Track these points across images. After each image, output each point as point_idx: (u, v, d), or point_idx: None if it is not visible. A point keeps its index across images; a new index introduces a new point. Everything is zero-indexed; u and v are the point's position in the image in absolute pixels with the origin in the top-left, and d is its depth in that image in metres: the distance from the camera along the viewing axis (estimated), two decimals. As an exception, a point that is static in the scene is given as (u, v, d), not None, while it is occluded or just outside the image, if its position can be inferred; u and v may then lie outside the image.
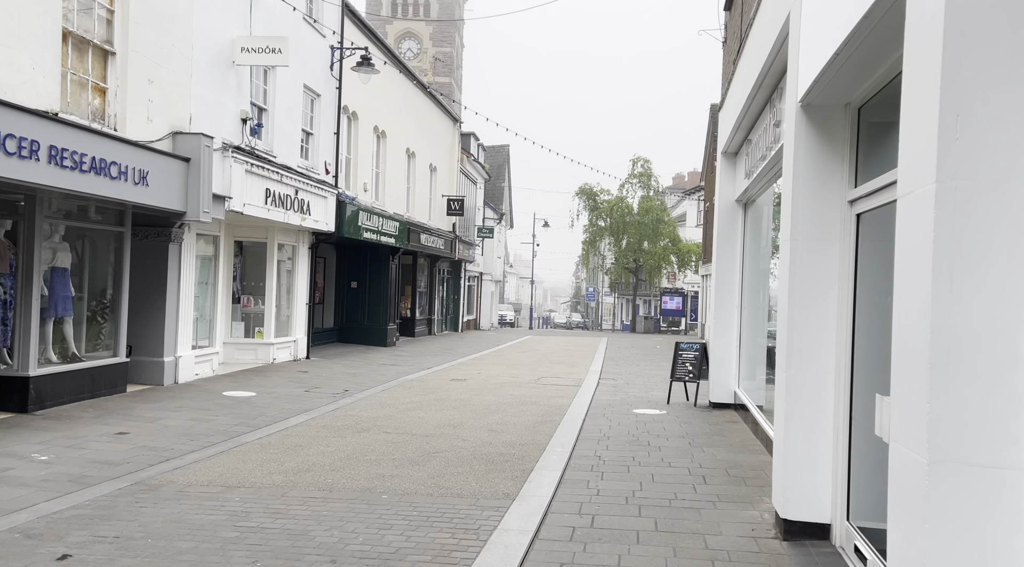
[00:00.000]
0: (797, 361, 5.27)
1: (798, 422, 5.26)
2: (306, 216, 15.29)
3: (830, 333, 5.24)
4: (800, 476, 5.23)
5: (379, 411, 10.62)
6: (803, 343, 5.27)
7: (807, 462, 5.22)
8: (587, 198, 45.66)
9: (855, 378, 5.07)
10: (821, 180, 5.27)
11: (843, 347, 5.16)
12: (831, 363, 5.23)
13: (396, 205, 22.48)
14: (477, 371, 16.62)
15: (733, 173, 11.67)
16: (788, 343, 5.31)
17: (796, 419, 5.27)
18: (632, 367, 18.95)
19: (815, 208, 5.28)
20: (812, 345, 5.25)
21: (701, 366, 12.08)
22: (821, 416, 5.22)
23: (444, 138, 28.45)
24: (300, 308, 16.75)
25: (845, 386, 5.13)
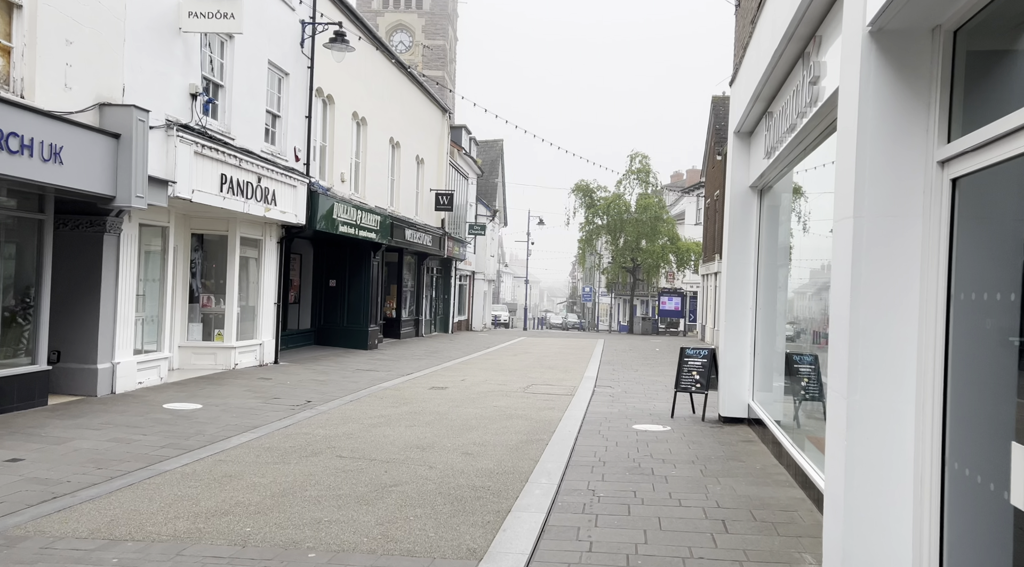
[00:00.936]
0: (864, 382, 3.84)
1: (864, 467, 3.83)
2: (271, 206, 13.83)
3: (910, 344, 3.82)
4: (869, 542, 3.79)
5: (339, 428, 9.17)
6: (872, 358, 3.84)
7: (879, 522, 3.79)
8: (583, 195, 44.24)
9: (950, 407, 3.64)
10: (898, 134, 3.84)
11: (930, 363, 3.73)
12: (911, 385, 3.81)
13: (378, 198, 21.03)
14: (461, 378, 15.17)
15: (747, 155, 10.25)
16: (851, 358, 3.87)
17: (862, 462, 3.83)
18: (630, 373, 17.53)
19: (889, 172, 3.84)
20: (885, 361, 3.82)
21: (710, 375, 10.66)
22: (898, 459, 3.79)
23: (432, 129, 27.01)
24: (267, 308, 15.29)
25: (933, 418, 3.70)
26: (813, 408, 7.64)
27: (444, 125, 27.97)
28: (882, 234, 3.85)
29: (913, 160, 3.82)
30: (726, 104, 33.33)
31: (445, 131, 27.98)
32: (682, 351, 11.05)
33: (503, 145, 43.88)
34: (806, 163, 7.32)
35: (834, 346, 4.18)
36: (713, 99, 32.64)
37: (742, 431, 9.73)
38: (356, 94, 19.12)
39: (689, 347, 11.11)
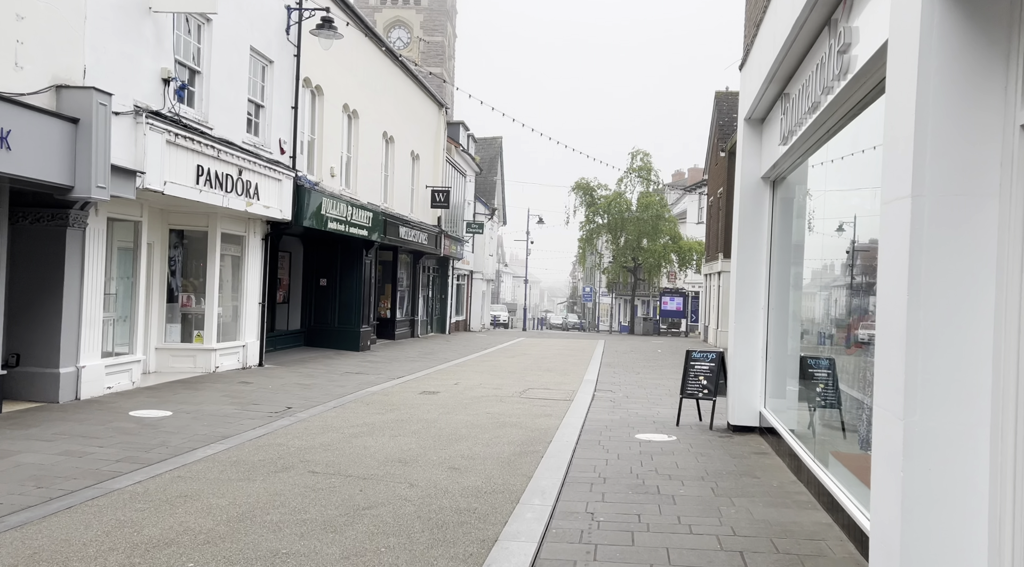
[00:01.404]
0: (926, 401, 3.11)
1: (927, 505, 3.10)
2: (253, 201, 13.10)
3: (983, 351, 3.09)
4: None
5: (317, 438, 8.45)
6: (936, 370, 3.11)
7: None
8: (584, 193, 43.52)
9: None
10: (968, 93, 3.11)
11: (1011, 376, 3.00)
12: (985, 404, 3.08)
13: (371, 194, 20.31)
14: (455, 381, 14.45)
15: (759, 144, 9.52)
16: (908, 371, 3.15)
17: (924, 500, 3.11)
18: (632, 375, 16.80)
19: (958, 141, 3.12)
20: (954, 374, 3.10)
21: (718, 380, 9.93)
22: (972, 497, 3.05)
23: (428, 124, 26.28)
24: (251, 308, 14.56)
25: (1017, 445, 2.97)
26: (831, 416, 6.92)
27: (441, 120, 27.25)
28: (948, 217, 3.13)
29: (988, 125, 3.09)
30: (730, 100, 32.63)
31: (442, 126, 27.27)
32: (688, 355, 10.32)
33: (502, 143, 43.17)
34: (830, 146, 6.59)
35: (884, 356, 3.44)
36: (716, 95, 31.91)
37: (754, 441, 9.00)
38: (347, 86, 18.40)
39: (696, 350, 10.38)
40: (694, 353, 10.29)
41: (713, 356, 10.08)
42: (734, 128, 29.95)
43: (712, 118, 32.49)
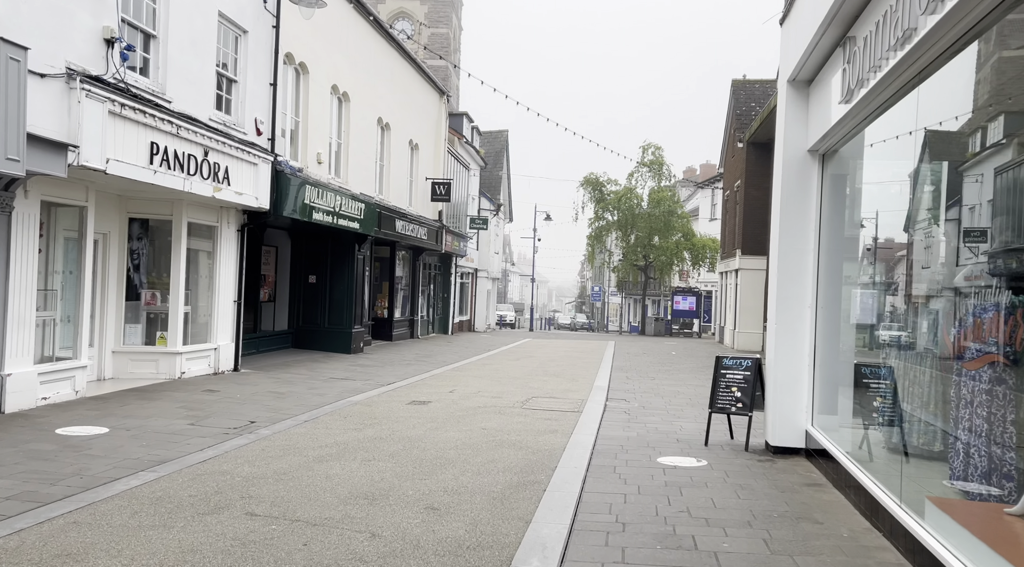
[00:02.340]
0: None
1: None
2: (222, 186, 11.65)
3: None
4: None
5: (272, 464, 6.97)
6: None
7: None
8: (592, 189, 41.93)
9: None
10: None
11: None
12: None
13: (363, 184, 18.85)
14: (450, 388, 12.96)
15: (805, 110, 7.98)
16: None
17: None
18: (646, 381, 15.27)
19: None
20: None
21: (754, 392, 8.39)
22: None
23: (428, 112, 24.81)
24: (224, 307, 13.12)
25: None
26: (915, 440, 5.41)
27: (442, 109, 25.77)
28: None
29: None
30: (747, 88, 31.03)
31: (443, 115, 25.79)
32: (719, 362, 8.78)
33: (508, 137, 41.65)
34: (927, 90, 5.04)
35: None
36: (733, 83, 30.30)
37: (802, 467, 7.46)
38: (336, 65, 16.94)
39: (727, 357, 8.83)
40: (725, 360, 8.75)
41: (748, 363, 8.54)
42: (752, 117, 28.35)
43: (728, 108, 30.88)
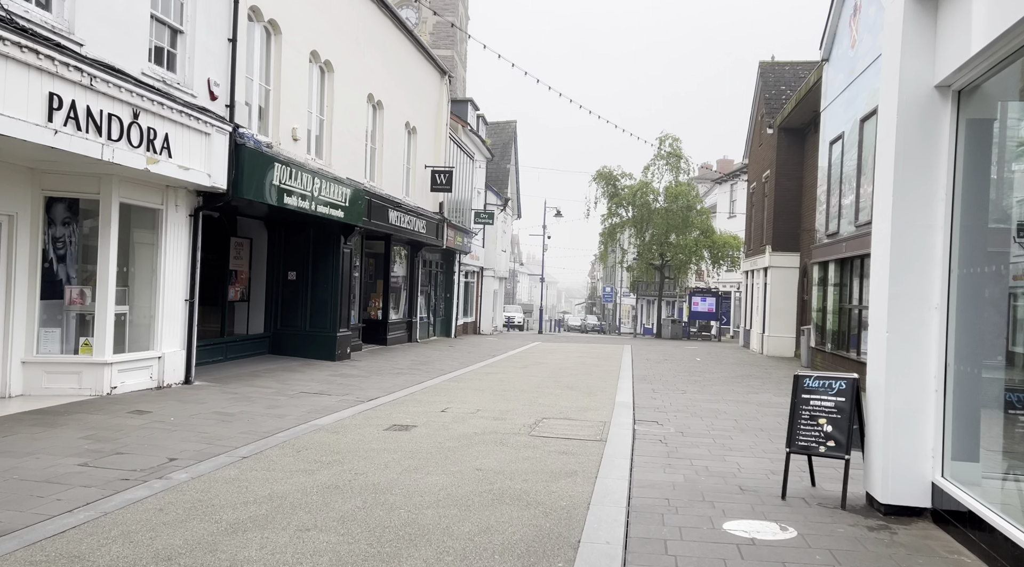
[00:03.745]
0: None
1: None
2: (159, 158, 9.41)
3: None
4: None
5: (160, 539, 4.71)
6: None
7: None
8: (606, 183, 39.60)
9: None
10: None
11: None
12: None
13: (351, 168, 16.61)
14: (443, 406, 10.68)
15: (932, 31, 5.65)
16: None
17: None
18: (676, 395, 12.94)
19: None
20: None
21: (851, 425, 6.05)
22: None
23: (428, 94, 22.56)
24: (172, 307, 10.90)
25: None
26: None
27: (443, 90, 23.51)
28: None
29: None
30: (776, 71, 28.62)
31: (444, 98, 23.52)
32: (799, 383, 6.43)
33: (516, 128, 39.33)
34: None
35: None
36: (761, 66, 27.91)
37: (937, 541, 5.13)
38: (316, 28, 14.71)
39: (810, 376, 6.48)
40: (808, 380, 6.40)
41: (842, 386, 6.19)
42: (782, 101, 25.98)
43: (756, 92, 28.48)
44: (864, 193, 14.45)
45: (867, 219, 14.11)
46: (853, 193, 15.14)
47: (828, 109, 17.62)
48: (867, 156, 14.40)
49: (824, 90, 18.05)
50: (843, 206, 15.96)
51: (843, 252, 15.64)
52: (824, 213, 17.59)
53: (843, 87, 16.16)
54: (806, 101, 20.87)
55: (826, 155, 17.61)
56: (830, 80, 17.53)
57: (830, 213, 17.07)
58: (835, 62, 17.20)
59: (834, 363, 16.32)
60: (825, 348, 17.04)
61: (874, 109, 13.96)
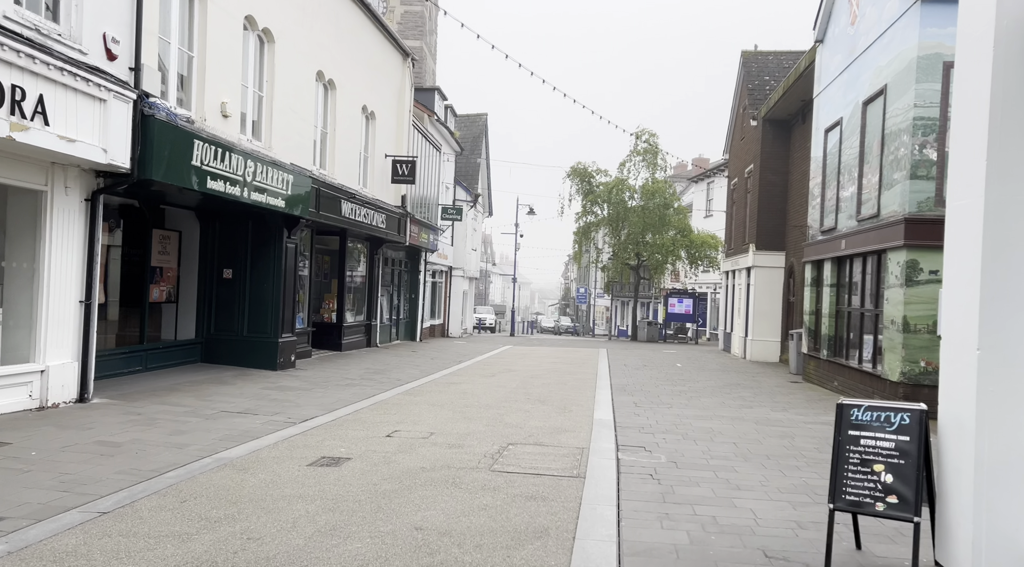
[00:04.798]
0: None
1: None
2: (27, 125, 7.54)
3: None
4: None
5: None
6: None
7: None
8: (580, 180, 38.04)
9: None
10: None
11: None
12: None
13: (295, 153, 14.77)
14: (391, 428, 8.94)
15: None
16: None
17: None
18: (662, 410, 11.34)
19: None
20: None
21: (920, 475, 4.44)
22: None
23: (389, 77, 20.76)
24: (61, 310, 9.00)
25: None
26: None
27: (406, 75, 21.71)
28: None
29: None
30: (759, 60, 27.30)
31: (407, 82, 21.72)
32: (843, 415, 4.81)
33: (487, 121, 37.60)
34: None
35: None
36: (743, 55, 26.53)
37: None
38: (254, -8, 12.85)
39: (858, 406, 4.84)
40: (855, 412, 4.78)
41: (905, 420, 4.58)
42: (766, 91, 24.62)
43: (737, 83, 27.11)
44: (868, 183, 13.00)
45: (872, 212, 12.66)
46: (854, 184, 13.70)
47: (823, 94, 16.19)
48: (871, 142, 12.96)
49: (818, 74, 16.63)
50: (841, 199, 14.52)
51: (841, 249, 14.19)
52: (818, 207, 16.15)
53: (841, 68, 14.73)
54: (795, 89, 19.47)
55: (820, 144, 16.19)
56: (825, 63, 16.10)
57: (825, 207, 15.63)
58: (831, 43, 15.78)
59: (830, 371, 14.87)
60: (819, 354, 15.60)
61: (880, 89, 12.51)
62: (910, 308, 11.13)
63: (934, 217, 11.10)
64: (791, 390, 14.89)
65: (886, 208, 12.05)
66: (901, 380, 11.20)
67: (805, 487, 6.84)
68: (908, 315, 11.14)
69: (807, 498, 6.44)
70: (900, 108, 11.63)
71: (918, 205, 11.15)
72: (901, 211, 11.38)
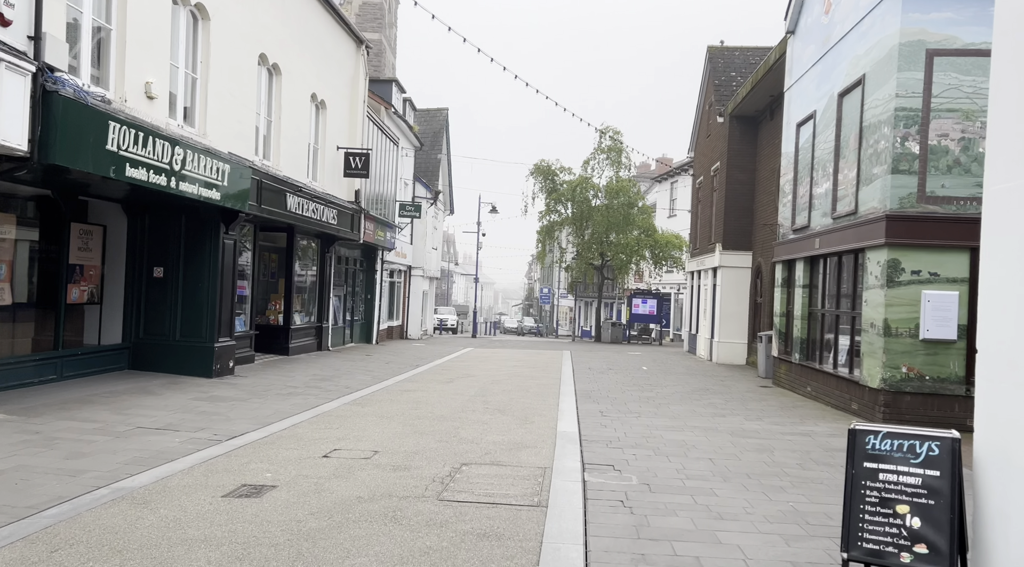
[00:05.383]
0: None
1: None
2: None
3: None
4: None
5: None
6: None
7: None
8: (544, 178, 37.27)
9: None
10: None
11: None
12: None
13: (235, 141, 13.61)
14: (329, 447, 7.94)
15: None
16: None
17: None
18: (631, 420, 10.52)
19: None
20: None
21: (953, 522, 3.63)
22: None
23: (341, 64, 19.64)
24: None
25: None
26: None
27: (360, 63, 20.59)
28: None
29: None
30: (725, 56, 26.81)
31: (361, 71, 20.60)
32: (856, 442, 3.98)
33: (448, 116, 36.53)
34: None
35: None
36: (709, 50, 25.99)
37: None
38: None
39: (875, 432, 4.02)
40: (871, 440, 3.96)
41: (933, 451, 3.78)
42: (733, 87, 24.09)
43: (703, 79, 26.56)
44: (844, 179, 12.38)
45: (848, 209, 12.03)
46: (829, 180, 13.08)
47: (794, 87, 15.59)
48: (847, 136, 12.34)
49: (789, 66, 16.03)
50: (815, 196, 13.90)
51: (815, 249, 13.57)
52: (790, 205, 15.54)
53: (815, 59, 14.12)
54: (764, 83, 18.90)
55: (792, 139, 15.58)
56: (797, 54, 15.50)
57: (798, 205, 15.02)
58: (803, 34, 15.18)
59: (803, 376, 14.25)
60: (791, 358, 14.99)
61: (857, 80, 11.88)
62: (891, 310, 10.50)
63: (917, 214, 10.49)
64: (763, 396, 14.23)
65: (865, 204, 11.42)
66: (882, 387, 10.56)
67: (795, 514, 6.05)
68: (889, 318, 10.50)
69: (799, 529, 5.64)
70: (880, 99, 11.00)
71: (900, 201, 10.52)
72: (881, 207, 10.74)
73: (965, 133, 10.39)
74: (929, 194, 10.45)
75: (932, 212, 10.46)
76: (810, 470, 7.83)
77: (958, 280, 10.39)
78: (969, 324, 10.28)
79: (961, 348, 10.34)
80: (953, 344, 10.36)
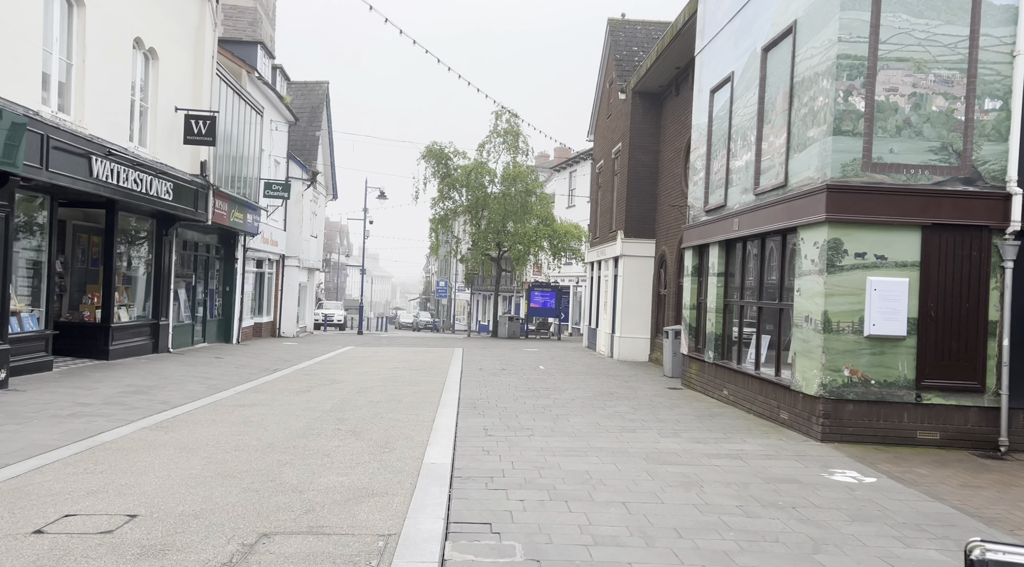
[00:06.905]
0: None
1: None
2: None
3: None
4: None
5: None
6: None
7: None
8: (437, 162, 34.64)
9: None
10: None
11: None
12: None
13: (7, 84, 10.29)
14: (68, 506, 5.17)
15: None
16: None
17: None
18: (523, 441, 8.20)
19: None
20: None
21: None
22: None
23: (181, 11, 16.33)
24: None
25: None
26: None
27: (207, 12, 17.28)
28: None
29: None
30: (628, 30, 24.98)
31: (208, 21, 17.30)
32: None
33: (328, 90, 33.10)
34: None
35: None
36: (610, 23, 24.15)
37: None
38: None
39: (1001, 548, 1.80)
40: None
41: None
42: (635, 62, 22.37)
43: (604, 54, 24.73)
44: (770, 147, 10.56)
45: (776, 182, 10.21)
46: (750, 150, 11.27)
47: (707, 49, 13.77)
48: (774, 96, 10.52)
49: (701, 27, 14.22)
50: (733, 170, 12.09)
51: (733, 231, 11.77)
52: (702, 183, 13.73)
53: (732, 13, 12.30)
54: (670, 52, 17.12)
55: (704, 109, 13.77)
56: (710, 12, 13.68)
57: (712, 182, 13.22)
58: (717, -12, 13.34)
59: (719, 378, 12.45)
60: (703, 357, 13.19)
61: (787, 28, 10.05)
62: (832, 301, 8.69)
63: (862, 184, 8.72)
64: (674, 401, 12.33)
65: (797, 175, 9.60)
66: (820, 393, 8.75)
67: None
68: (830, 310, 8.69)
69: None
70: (816, 47, 9.18)
71: (843, 169, 8.71)
72: (820, 177, 8.92)
73: (916, 87, 8.70)
74: (876, 160, 8.70)
75: (879, 183, 8.72)
76: (757, 517, 5.77)
77: (908, 264, 8.70)
78: (921, 317, 8.61)
79: (911, 346, 8.66)
80: (902, 341, 8.66)
